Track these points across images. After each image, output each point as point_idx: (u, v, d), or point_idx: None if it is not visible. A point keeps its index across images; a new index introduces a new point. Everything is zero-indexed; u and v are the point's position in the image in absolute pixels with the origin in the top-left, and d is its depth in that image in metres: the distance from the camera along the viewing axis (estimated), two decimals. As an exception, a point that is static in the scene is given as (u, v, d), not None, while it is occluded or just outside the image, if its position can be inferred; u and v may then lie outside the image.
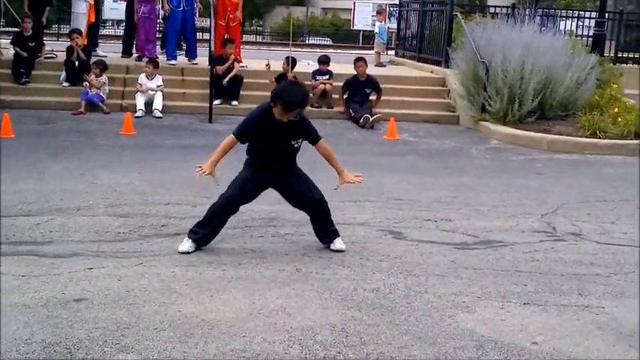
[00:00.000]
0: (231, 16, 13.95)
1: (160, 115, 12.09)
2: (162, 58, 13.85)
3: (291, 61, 12.94)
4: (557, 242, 6.08)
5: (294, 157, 5.59)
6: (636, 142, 10.94)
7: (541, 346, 4.04)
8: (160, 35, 16.43)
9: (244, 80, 12.91)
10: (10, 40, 13.99)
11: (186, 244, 5.43)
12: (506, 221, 6.70)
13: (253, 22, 53.69)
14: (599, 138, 11.04)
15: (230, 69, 12.79)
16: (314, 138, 5.56)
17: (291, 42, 11.29)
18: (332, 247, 5.57)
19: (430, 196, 7.61)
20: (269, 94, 5.46)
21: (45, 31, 15.21)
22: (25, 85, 12.70)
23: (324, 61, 13.51)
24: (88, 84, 12.32)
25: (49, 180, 7.63)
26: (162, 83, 12.57)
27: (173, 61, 13.86)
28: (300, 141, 5.48)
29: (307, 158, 5.86)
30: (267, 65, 13.03)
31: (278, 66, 13.36)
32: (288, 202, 5.73)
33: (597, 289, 4.97)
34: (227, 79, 12.66)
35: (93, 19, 14.57)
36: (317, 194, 5.57)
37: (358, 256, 5.48)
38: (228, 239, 5.71)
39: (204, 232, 5.47)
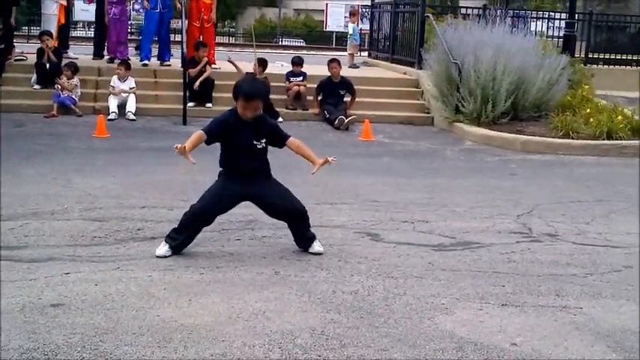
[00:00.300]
0: (205, 17, 13.91)
1: (134, 117, 12.01)
2: (135, 60, 13.77)
3: (258, 62, 12.88)
4: (533, 243, 6.12)
5: (263, 162, 5.51)
6: (608, 142, 11.06)
7: (520, 347, 4.06)
8: (140, 37, 16.36)
9: (218, 82, 12.84)
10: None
11: (163, 249, 5.39)
12: (482, 222, 6.74)
13: (226, 23, 53.50)
14: (572, 138, 11.15)
15: (202, 72, 12.74)
16: (283, 138, 5.56)
17: (254, 43, 11.30)
18: (310, 250, 5.56)
19: (406, 197, 7.63)
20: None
21: (15, 32, 15.04)
22: (-5, 88, 12.54)
23: (297, 62, 13.50)
24: (59, 86, 12.20)
25: (23, 184, 7.54)
26: (134, 85, 12.48)
27: (146, 61, 13.78)
28: (264, 142, 5.43)
29: (279, 163, 5.85)
30: (229, 61, 13.06)
31: (250, 67, 13.31)
32: (267, 214, 5.67)
33: (574, 290, 5.00)
34: (197, 83, 12.58)
35: (63, 21, 14.43)
36: (298, 205, 5.54)
37: (336, 259, 5.48)
38: (206, 243, 5.68)
39: (180, 239, 5.42)
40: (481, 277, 5.22)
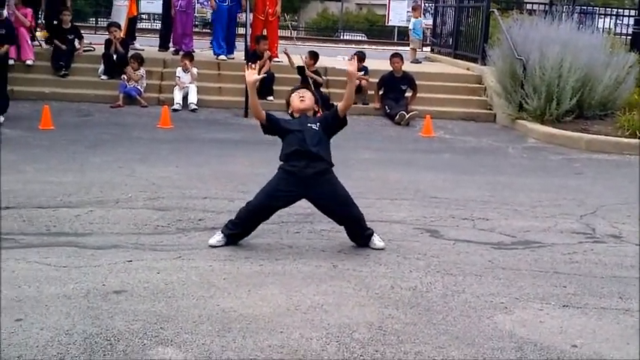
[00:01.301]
0: (270, 10, 13.98)
1: (196, 107, 12.16)
2: (209, 53, 14.04)
3: (310, 55, 13.02)
4: (596, 244, 6.01)
5: (320, 148, 5.42)
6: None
7: (581, 349, 4.00)
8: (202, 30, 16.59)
9: (280, 75, 12.90)
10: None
11: (216, 238, 5.44)
12: (544, 221, 6.63)
13: (288, 17, 53.72)
14: (639, 138, 10.88)
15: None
16: (333, 110, 5.72)
17: (294, 36, 11.52)
18: (371, 245, 5.53)
19: (466, 194, 7.56)
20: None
21: (82, 24, 15.37)
22: (64, 78, 12.85)
23: (359, 56, 13.47)
24: (126, 77, 12.42)
25: (88, 172, 7.71)
26: (196, 74, 12.59)
27: (222, 57, 13.90)
28: (318, 125, 5.50)
29: (340, 157, 5.85)
30: (284, 52, 13.18)
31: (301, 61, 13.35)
32: (323, 214, 5.64)
33: (638, 293, 4.89)
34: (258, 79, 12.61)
35: (135, 13, 14.72)
36: (354, 212, 5.50)
37: (395, 254, 5.46)
38: (265, 235, 5.73)
39: (235, 231, 5.47)
40: (542, 277, 5.14)
